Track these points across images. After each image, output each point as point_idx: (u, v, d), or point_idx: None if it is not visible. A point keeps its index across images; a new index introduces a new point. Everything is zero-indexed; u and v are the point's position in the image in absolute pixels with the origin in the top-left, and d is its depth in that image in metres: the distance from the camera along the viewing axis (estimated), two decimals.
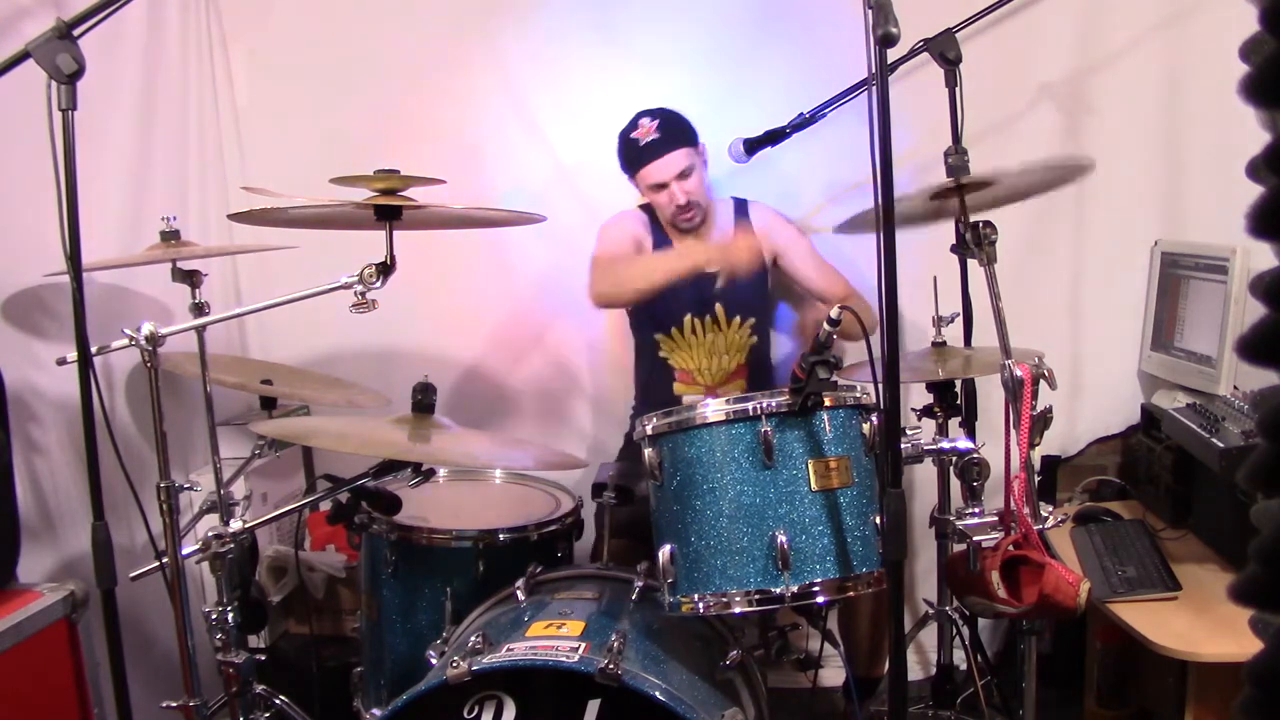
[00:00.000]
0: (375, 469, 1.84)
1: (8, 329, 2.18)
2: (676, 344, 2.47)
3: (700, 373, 2.47)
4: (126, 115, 2.42)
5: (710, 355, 2.46)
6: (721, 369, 2.47)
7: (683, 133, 2.35)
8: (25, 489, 2.13)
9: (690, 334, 2.46)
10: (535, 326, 2.78)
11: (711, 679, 1.68)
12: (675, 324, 2.46)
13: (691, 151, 2.35)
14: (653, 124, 2.32)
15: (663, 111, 2.35)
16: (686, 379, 2.48)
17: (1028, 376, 1.58)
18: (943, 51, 2.27)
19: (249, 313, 1.99)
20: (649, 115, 2.34)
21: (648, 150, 2.32)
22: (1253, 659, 0.76)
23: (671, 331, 2.46)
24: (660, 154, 2.31)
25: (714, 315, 2.44)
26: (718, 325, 2.45)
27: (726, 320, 2.46)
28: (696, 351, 2.46)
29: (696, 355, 2.46)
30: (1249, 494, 0.79)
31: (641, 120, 2.34)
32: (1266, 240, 0.75)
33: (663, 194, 2.36)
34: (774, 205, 2.59)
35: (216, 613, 1.79)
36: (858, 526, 1.59)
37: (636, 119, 2.35)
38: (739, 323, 2.46)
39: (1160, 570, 2.00)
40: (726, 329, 2.46)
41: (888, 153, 1.40)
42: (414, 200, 1.69)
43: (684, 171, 2.33)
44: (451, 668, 1.49)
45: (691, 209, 2.36)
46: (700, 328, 2.46)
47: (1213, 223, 2.46)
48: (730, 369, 2.48)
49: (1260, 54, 0.73)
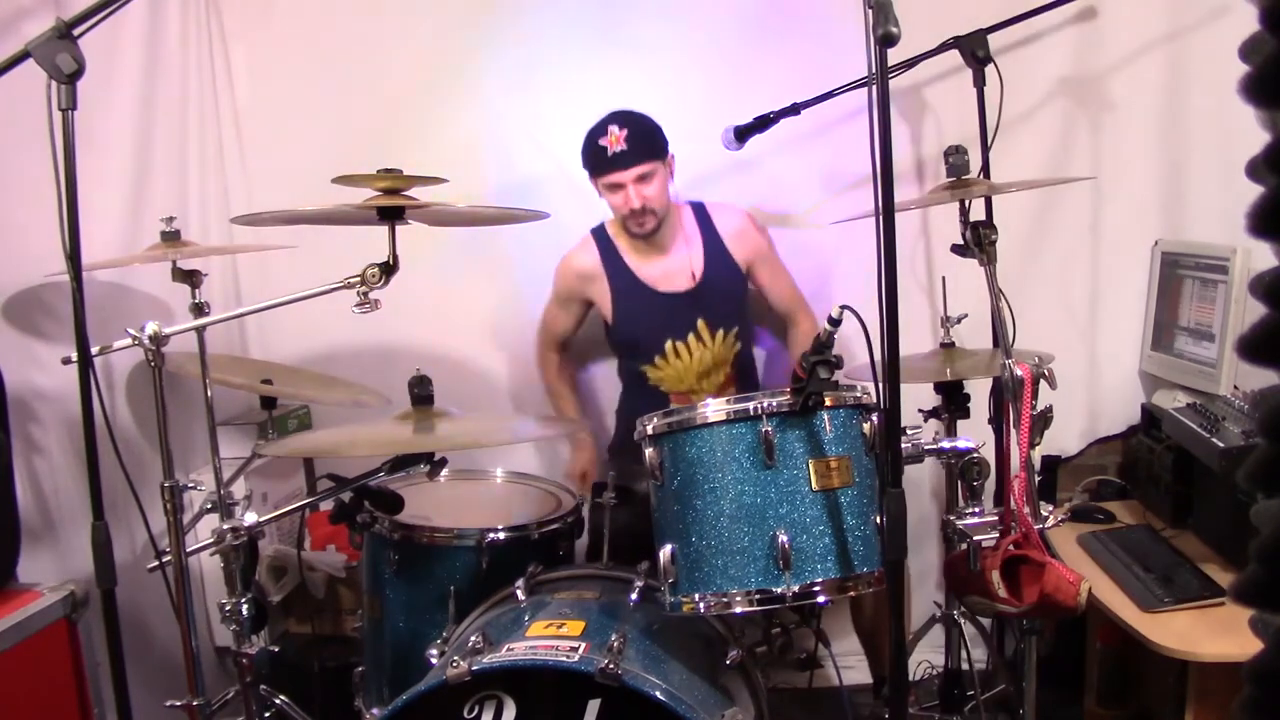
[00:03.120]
0: (388, 465, 1.84)
1: (8, 329, 2.18)
2: (664, 370, 2.44)
3: (697, 393, 2.42)
4: (126, 115, 2.42)
5: (701, 374, 2.43)
6: (714, 384, 2.44)
7: (650, 146, 2.29)
8: (25, 489, 2.14)
9: (675, 358, 2.42)
10: (534, 325, 2.78)
11: (712, 679, 1.68)
12: (658, 352, 2.42)
13: (656, 162, 2.31)
14: (621, 133, 2.25)
15: (633, 119, 2.28)
16: (683, 400, 2.43)
17: (1028, 376, 1.58)
18: (973, 50, 2.29)
19: (249, 313, 1.99)
20: (619, 122, 2.27)
21: (614, 160, 2.26)
22: (1253, 659, 0.76)
23: (655, 360, 2.43)
24: (625, 167, 2.27)
25: (696, 333, 2.41)
26: (702, 342, 2.42)
27: (710, 334, 2.42)
28: (688, 373, 2.43)
29: (688, 376, 2.43)
30: (1249, 494, 0.79)
31: (611, 127, 2.27)
32: (1266, 240, 0.75)
33: (618, 194, 2.31)
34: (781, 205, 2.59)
35: (230, 605, 1.79)
36: (858, 526, 1.59)
37: (606, 124, 2.28)
38: (723, 335, 2.43)
39: (1196, 576, 1.98)
40: (712, 343, 2.43)
41: (888, 153, 1.40)
42: (416, 199, 1.69)
43: (643, 175, 2.28)
44: (452, 667, 1.49)
45: (645, 215, 2.32)
46: (684, 350, 2.42)
47: (1213, 223, 2.47)
48: (722, 381, 2.46)
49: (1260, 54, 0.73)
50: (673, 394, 2.45)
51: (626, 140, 2.25)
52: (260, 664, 1.84)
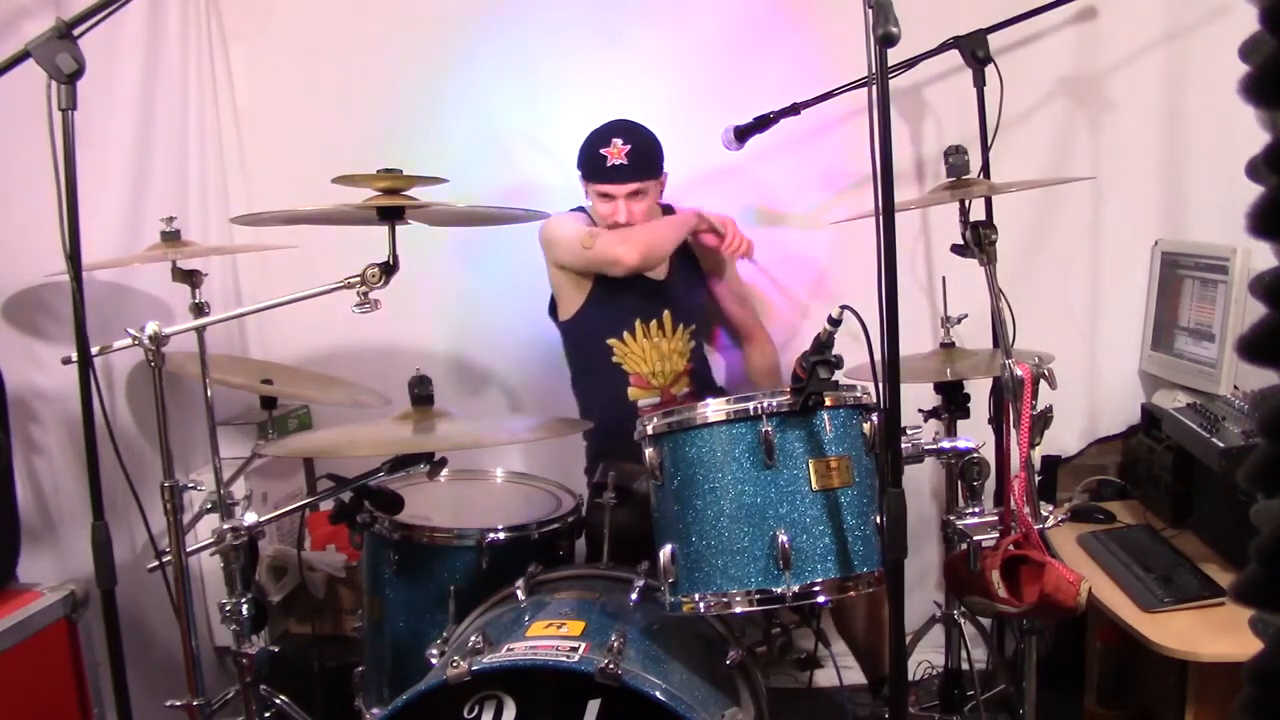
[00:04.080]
0: (388, 465, 1.84)
1: (8, 329, 2.18)
2: (629, 348, 2.45)
3: (654, 375, 2.45)
4: (126, 115, 2.42)
5: (661, 359, 2.45)
6: (672, 369, 2.46)
7: (649, 165, 2.33)
8: (25, 489, 2.14)
9: (643, 338, 2.45)
10: (534, 325, 2.78)
11: (712, 679, 1.68)
12: (627, 329, 2.44)
13: (651, 181, 2.35)
14: (625, 148, 2.29)
15: (637, 135, 2.32)
16: (641, 383, 2.45)
17: (1028, 376, 1.58)
18: (973, 50, 2.29)
19: (249, 313, 2.00)
20: (623, 136, 2.30)
21: (612, 172, 2.30)
22: (1253, 659, 0.76)
23: (624, 336, 2.44)
24: (620, 181, 2.30)
25: (660, 321, 2.44)
26: (663, 332, 2.45)
27: (672, 327, 2.45)
28: (650, 355, 2.45)
29: (650, 359, 2.45)
30: (1249, 494, 0.79)
31: (615, 140, 2.30)
32: (1266, 240, 0.75)
33: (608, 204, 2.34)
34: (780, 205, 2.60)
35: (230, 605, 1.79)
36: (859, 526, 1.59)
37: (609, 135, 2.31)
38: (683, 329, 2.46)
39: (1196, 576, 1.98)
40: (672, 336, 2.45)
41: (888, 153, 1.40)
42: (416, 199, 1.69)
43: (637, 192, 2.32)
44: (451, 667, 1.49)
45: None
46: (648, 331, 2.44)
47: (1213, 223, 2.47)
48: (680, 369, 2.47)
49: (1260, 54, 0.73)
50: (633, 375, 2.45)
51: (628, 156, 2.29)
52: (260, 664, 1.84)
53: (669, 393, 2.46)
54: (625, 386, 2.45)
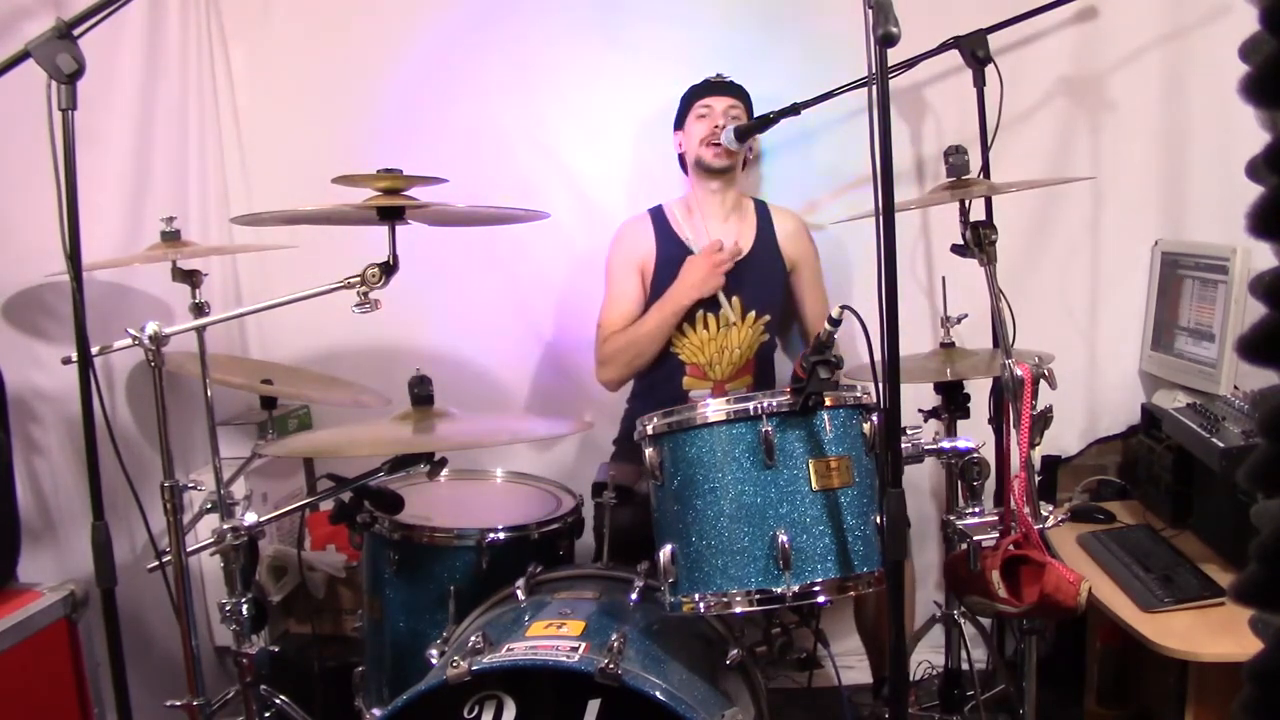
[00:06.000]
0: (388, 465, 1.84)
1: (8, 329, 2.18)
2: (688, 338, 2.42)
3: (711, 367, 2.42)
4: (126, 115, 2.42)
5: (722, 349, 2.42)
6: (732, 363, 2.43)
7: (747, 102, 2.44)
8: (25, 489, 2.13)
9: (702, 328, 2.42)
10: (534, 325, 2.78)
11: (712, 679, 1.68)
12: (687, 318, 2.40)
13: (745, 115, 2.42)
14: (729, 80, 2.44)
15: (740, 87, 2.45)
16: (697, 373, 2.43)
17: (1028, 376, 1.58)
18: (973, 50, 2.29)
19: (249, 313, 1.99)
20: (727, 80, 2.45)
21: (717, 86, 2.42)
22: (1253, 659, 0.76)
23: (682, 325, 2.41)
24: (723, 94, 2.41)
25: (730, 306, 2.40)
26: (732, 318, 2.41)
27: (743, 314, 2.42)
28: (708, 346, 2.42)
29: (708, 349, 2.42)
30: (1249, 494, 0.79)
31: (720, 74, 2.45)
32: (1266, 240, 0.75)
33: (703, 122, 2.40)
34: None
35: (230, 605, 1.79)
36: (858, 526, 1.59)
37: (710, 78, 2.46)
38: (754, 318, 2.43)
39: (1196, 576, 1.98)
40: (742, 324, 2.42)
41: (888, 153, 1.40)
42: (416, 199, 1.69)
43: (733, 111, 2.40)
44: (451, 667, 1.49)
45: (721, 146, 2.37)
46: (713, 321, 2.42)
47: (1213, 223, 2.47)
48: (740, 364, 2.44)
49: (1260, 54, 0.73)
50: (689, 365, 2.43)
51: (731, 84, 2.44)
52: (260, 664, 1.84)
53: (722, 388, 2.43)
54: (681, 376, 2.43)
